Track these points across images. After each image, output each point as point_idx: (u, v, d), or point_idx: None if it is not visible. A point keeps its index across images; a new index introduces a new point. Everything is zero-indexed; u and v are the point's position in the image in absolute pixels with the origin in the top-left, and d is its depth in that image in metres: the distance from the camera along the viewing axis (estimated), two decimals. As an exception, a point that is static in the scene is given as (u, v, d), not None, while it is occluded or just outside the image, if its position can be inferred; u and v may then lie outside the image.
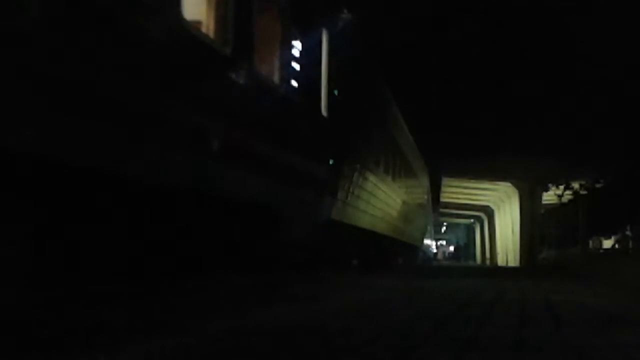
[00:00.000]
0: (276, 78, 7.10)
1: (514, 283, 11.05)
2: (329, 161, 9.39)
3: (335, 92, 9.46)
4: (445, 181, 34.31)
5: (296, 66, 7.71)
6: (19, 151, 3.47)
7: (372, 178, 13.22)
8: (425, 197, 29.51)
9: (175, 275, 5.82)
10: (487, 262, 45.26)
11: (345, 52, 9.73)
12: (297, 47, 7.75)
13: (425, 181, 28.69)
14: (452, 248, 61.78)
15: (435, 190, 34.26)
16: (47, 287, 4.16)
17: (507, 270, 24.36)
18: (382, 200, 14.92)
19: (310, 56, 8.13)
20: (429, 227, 38.18)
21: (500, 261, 38.89)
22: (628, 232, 21.42)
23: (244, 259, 7.07)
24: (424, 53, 24.66)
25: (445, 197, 38.99)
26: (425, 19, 23.34)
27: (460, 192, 39.27)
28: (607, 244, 23.71)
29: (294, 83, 7.61)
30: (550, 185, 28.24)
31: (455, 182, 35.60)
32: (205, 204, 5.76)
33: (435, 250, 57.43)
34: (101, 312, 4.25)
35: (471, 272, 19.65)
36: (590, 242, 23.44)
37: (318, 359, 3.17)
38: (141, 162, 4.48)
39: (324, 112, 8.99)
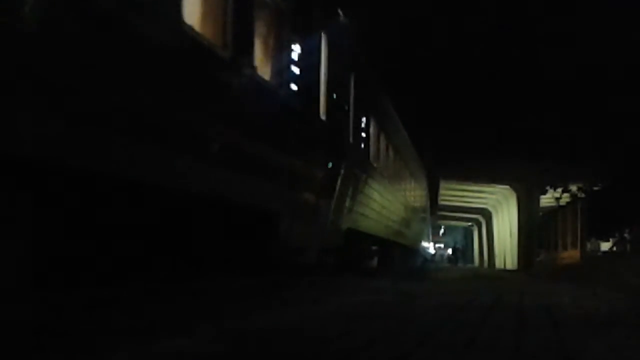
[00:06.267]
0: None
1: (512, 284, 11.05)
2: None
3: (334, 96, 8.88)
4: (444, 184, 34.30)
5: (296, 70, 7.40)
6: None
7: None
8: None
9: (174, 278, 5.82)
10: (485, 264, 45.28)
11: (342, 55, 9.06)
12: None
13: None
14: (449, 251, 61.80)
15: (433, 193, 34.20)
16: (47, 288, 4.16)
17: (505, 272, 24.38)
18: None
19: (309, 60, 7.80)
20: (427, 230, 37.85)
21: (498, 264, 38.90)
22: (626, 235, 21.44)
23: (243, 261, 7.04)
24: (423, 55, 24.68)
25: (443, 200, 38.97)
26: (426, 22, 23.36)
27: (458, 195, 39.28)
28: (605, 246, 23.70)
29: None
30: (548, 188, 28.25)
31: (454, 185, 35.60)
32: (199, 205, 5.68)
33: (433, 252, 57.57)
34: (100, 314, 4.25)
35: (470, 274, 19.66)
36: (588, 245, 23.44)
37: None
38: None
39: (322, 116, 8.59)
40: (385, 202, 15.32)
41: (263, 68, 6.54)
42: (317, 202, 8.53)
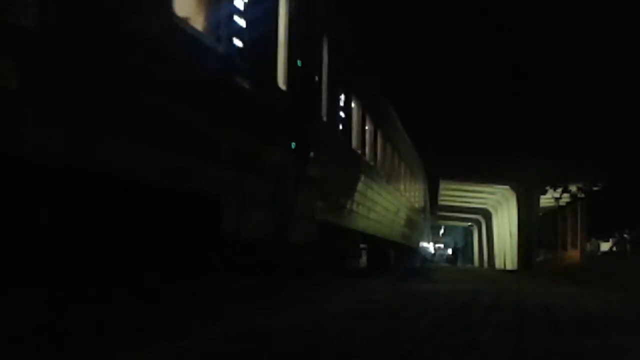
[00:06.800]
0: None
1: (512, 284, 11.05)
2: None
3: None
4: (444, 184, 34.32)
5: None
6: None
7: None
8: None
9: (174, 278, 5.81)
10: (485, 265, 45.31)
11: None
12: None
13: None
14: (449, 251, 61.97)
15: (433, 193, 34.21)
16: (47, 288, 4.15)
17: (504, 272, 24.36)
18: None
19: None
20: (427, 230, 37.81)
21: (498, 264, 38.91)
22: (626, 235, 21.45)
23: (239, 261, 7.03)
24: (423, 55, 24.69)
25: (443, 200, 38.99)
26: (425, 23, 23.37)
27: (458, 195, 39.29)
28: (605, 246, 23.71)
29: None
30: (548, 188, 28.28)
31: (453, 185, 35.61)
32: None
33: (433, 252, 57.84)
34: (100, 314, 4.25)
35: (470, 274, 19.65)
36: (588, 245, 23.45)
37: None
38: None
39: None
40: (375, 195, 13.64)
41: (194, 15, 5.20)
42: (278, 189, 6.94)
